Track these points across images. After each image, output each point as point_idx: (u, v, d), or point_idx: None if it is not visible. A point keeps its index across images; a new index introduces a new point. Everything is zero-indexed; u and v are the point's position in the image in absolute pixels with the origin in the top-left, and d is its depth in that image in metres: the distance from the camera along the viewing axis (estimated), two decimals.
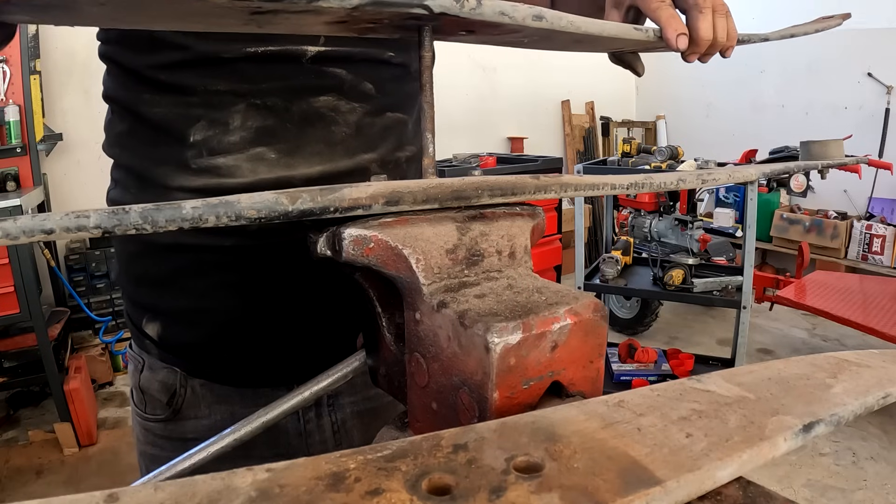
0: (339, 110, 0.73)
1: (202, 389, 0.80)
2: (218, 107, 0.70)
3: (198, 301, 0.76)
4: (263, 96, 0.70)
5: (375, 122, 0.77)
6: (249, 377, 0.79)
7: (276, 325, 0.76)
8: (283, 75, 0.70)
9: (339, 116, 0.73)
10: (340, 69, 0.72)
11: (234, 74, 0.69)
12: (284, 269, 0.74)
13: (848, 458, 2.84)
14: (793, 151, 3.04)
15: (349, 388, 0.83)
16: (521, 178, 0.48)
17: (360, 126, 0.75)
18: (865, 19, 4.85)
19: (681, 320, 4.65)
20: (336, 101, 0.73)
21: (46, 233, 0.33)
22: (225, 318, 0.76)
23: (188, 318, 0.77)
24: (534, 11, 0.47)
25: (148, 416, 0.82)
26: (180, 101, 0.70)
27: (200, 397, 0.80)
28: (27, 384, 3.10)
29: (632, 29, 0.55)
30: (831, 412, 0.36)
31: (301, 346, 0.77)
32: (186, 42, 0.67)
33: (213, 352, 0.78)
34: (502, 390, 0.38)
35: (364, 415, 0.85)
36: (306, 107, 0.71)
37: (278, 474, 0.27)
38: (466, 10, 0.44)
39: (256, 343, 0.76)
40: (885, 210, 4.91)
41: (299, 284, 0.75)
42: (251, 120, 0.70)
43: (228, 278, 0.74)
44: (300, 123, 0.72)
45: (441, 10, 0.43)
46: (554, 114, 6.24)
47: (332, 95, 0.72)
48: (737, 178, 0.65)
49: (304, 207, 0.40)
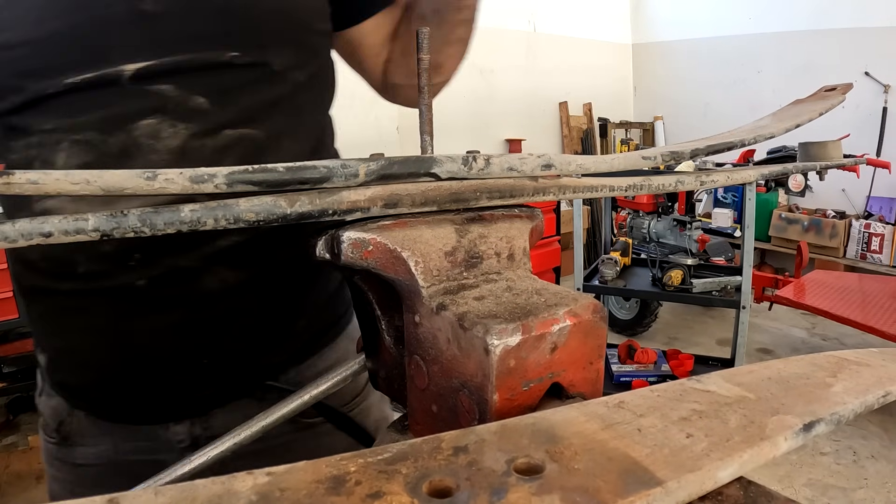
0: (160, 136, 0.64)
1: (86, 420, 0.79)
2: (47, 146, 0.65)
3: (67, 341, 0.74)
4: (82, 130, 0.63)
5: (206, 143, 0.66)
6: (126, 415, 0.78)
7: (147, 368, 0.73)
8: (101, 104, 0.63)
9: (159, 143, 0.64)
10: (167, 85, 0.64)
11: (59, 109, 0.64)
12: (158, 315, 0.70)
13: (849, 456, 2.84)
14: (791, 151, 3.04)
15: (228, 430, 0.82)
16: (519, 181, 0.48)
17: (185, 151, 0.65)
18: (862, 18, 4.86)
19: (680, 321, 4.66)
20: (158, 124, 0.64)
21: (45, 236, 0.33)
22: (94, 359, 0.74)
23: (63, 356, 0.77)
24: (542, 161, 0.47)
25: (46, 436, 0.82)
26: (24, 144, 0.66)
27: (85, 427, 0.79)
28: (27, 389, 3.10)
29: (640, 158, 0.55)
30: (832, 411, 0.36)
31: (172, 389, 0.75)
32: (20, 84, 0.63)
33: (88, 389, 0.77)
34: (502, 392, 0.38)
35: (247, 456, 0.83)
36: (125, 137, 0.64)
37: (279, 478, 0.27)
38: (475, 171, 0.45)
39: (129, 384, 0.74)
40: (883, 209, 4.92)
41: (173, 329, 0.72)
42: (73, 157, 0.64)
43: (89, 321, 0.71)
44: (119, 157, 0.64)
45: (449, 175, 0.44)
46: (552, 115, 6.25)
47: (156, 118, 0.63)
48: (735, 180, 0.65)
49: (303, 210, 0.40)
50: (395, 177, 0.43)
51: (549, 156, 0.48)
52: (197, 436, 0.78)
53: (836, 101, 0.92)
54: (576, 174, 0.51)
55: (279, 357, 0.80)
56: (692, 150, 0.59)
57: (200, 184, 0.37)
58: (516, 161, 0.46)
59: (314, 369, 0.83)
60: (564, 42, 6.08)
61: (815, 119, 0.85)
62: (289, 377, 0.81)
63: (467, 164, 0.45)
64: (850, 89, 0.98)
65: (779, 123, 0.77)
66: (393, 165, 0.42)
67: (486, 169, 0.45)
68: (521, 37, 5.87)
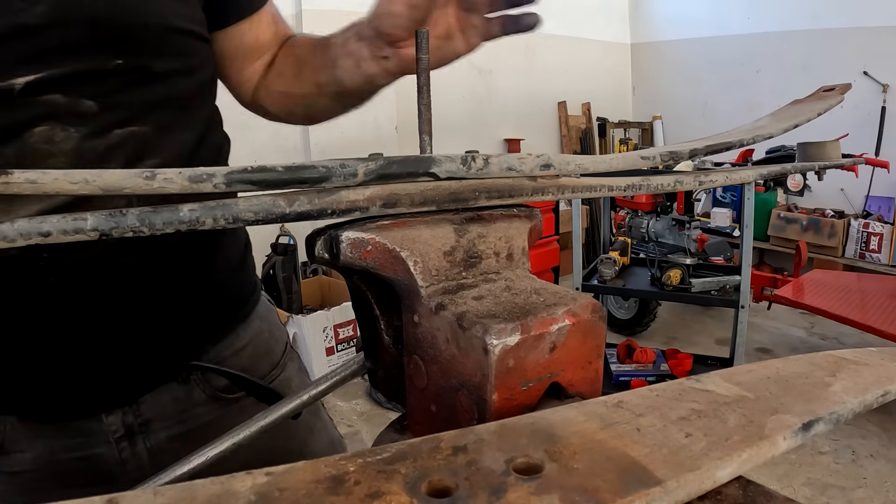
0: (54, 140, 0.66)
1: (19, 425, 0.78)
2: None
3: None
4: None
5: (98, 143, 0.68)
6: (55, 412, 0.77)
7: (67, 359, 0.73)
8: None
9: (54, 147, 0.66)
10: (56, 94, 0.65)
11: None
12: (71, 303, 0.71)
13: (847, 456, 2.85)
14: (789, 151, 3.05)
15: (159, 414, 0.82)
16: (518, 180, 0.48)
17: (80, 152, 0.67)
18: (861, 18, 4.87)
19: (679, 320, 4.66)
20: (51, 130, 0.65)
21: (44, 235, 0.33)
22: (15, 360, 0.73)
23: None
24: (541, 161, 0.47)
25: None
26: None
27: (19, 432, 0.78)
28: None
29: (638, 158, 0.56)
30: (830, 410, 0.36)
31: (96, 377, 0.76)
32: None
33: (13, 391, 0.76)
34: (501, 392, 0.38)
35: (179, 438, 0.84)
36: (20, 145, 0.64)
37: (278, 478, 0.27)
38: (474, 171, 0.45)
39: (51, 379, 0.74)
40: (881, 208, 4.93)
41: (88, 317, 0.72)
42: None
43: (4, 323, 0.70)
44: (18, 165, 0.64)
45: (448, 175, 0.44)
46: (550, 115, 6.25)
47: (48, 125, 0.65)
48: (734, 180, 0.66)
49: (301, 210, 0.39)
50: (394, 176, 0.43)
51: (547, 155, 0.48)
52: (129, 423, 0.79)
53: (835, 100, 0.92)
54: (574, 174, 0.51)
55: (193, 336, 0.83)
56: (691, 150, 0.59)
57: (199, 183, 0.37)
58: (515, 161, 0.46)
59: (231, 348, 0.87)
60: (563, 42, 6.08)
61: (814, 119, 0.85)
62: (209, 357, 0.84)
63: (466, 163, 0.45)
64: (848, 89, 0.99)
65: (777, 123, 0.77)
66: (392, 165, 0.42)
67: (485, 169, 0.45)
68: (520, 36, 5.85)
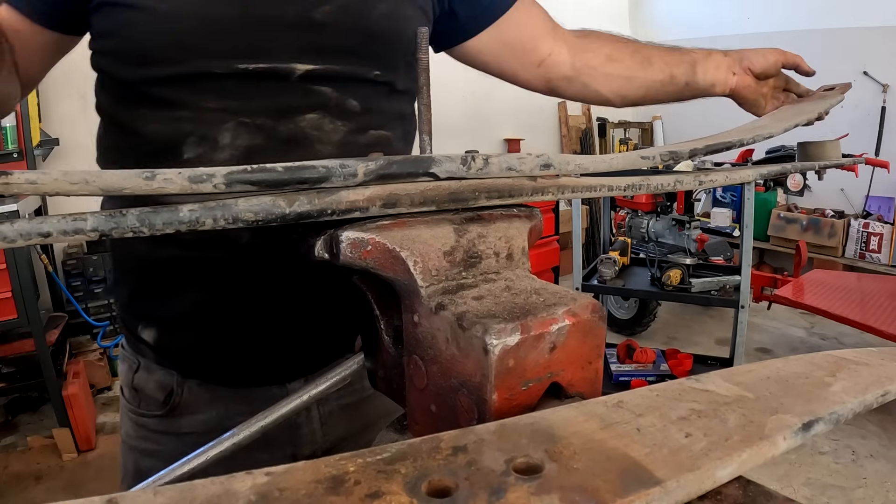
0: (323, 129, 0.74)
1: (198, 388, 0.82)
2: (208, 123, 0.70)
3: (192, 309, 0.78)
4: (252, 115, 0.71)
5: (358, 140, 0.77)
6: (242, 378, 0.82)
7: (267, 327, 0.78)
8: (272, 94, 0.71)
9: (323, 135, 0.74)
10: (327, 87, 0.73)
11: (225, 91, 0.70)
12: (274, 274, 0.75)
13: (847, 456, 2.84)
14: (789, 150, 3.04)
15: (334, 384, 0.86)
16: (518, 180, 0.48)
17: (343, 145, 0.75)
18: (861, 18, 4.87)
19: (679, 320, 4.65)
20: (320, 119, 0.73)
21: (43, 236, 0.33)
22: (218, 325, 0.78)
23: (183, 325, 0.79)
24: (541, 161, 0.48)
25: (142, 412, 0.85)
26: (172, 117, 0.70)
27: (196, 395, 0.82)
28: (25, 389, 3.09)
29: (638, 158, 0.56)
30: (830, 410, 0.36)
31: (291, 346, 0.80)
32: (179, 56, 0.68)
33: (207, 355, 0.80)
34: (501, 392, 0.38)
35: (349, 407, 0.89)
36: (293, 126, 0.72)
37: (278, 478, 0.27)
38: (474, 171, 0.45)
39: (248, 346, 0.79)
40: (881, 208, 4.92)
41: (289, 288, 0.77)
42: (240, 139, 0.71)
43: (222, 287, 0.76)
44: (286, 143, 0.72)
45: (448, 175, 0.44)
46: (550, 115, 6.24)
47: (318, 114, 0.73)
48: (734, 179, 0.66)
49: (301, 210, 0.39)
50: (394, 176, 0.43)
51: (547, 155, 0.48)
52: None
53: (835, 100, 0.91)
54: (574, 174, 0.51)
55: None
56: (691, 150, 0.59)
57: (199, 183, 0.37)
58: (515, 161, 0.46)
59: None
60: None
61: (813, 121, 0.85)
62: None
63: (466, 163, 0.45)
64: (848, 89, 0.98)
65: (777, 123, 0.77)
66: (392, 165, 0.42)
67: (485, 169, 0.45)
68: None
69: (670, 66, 1.02)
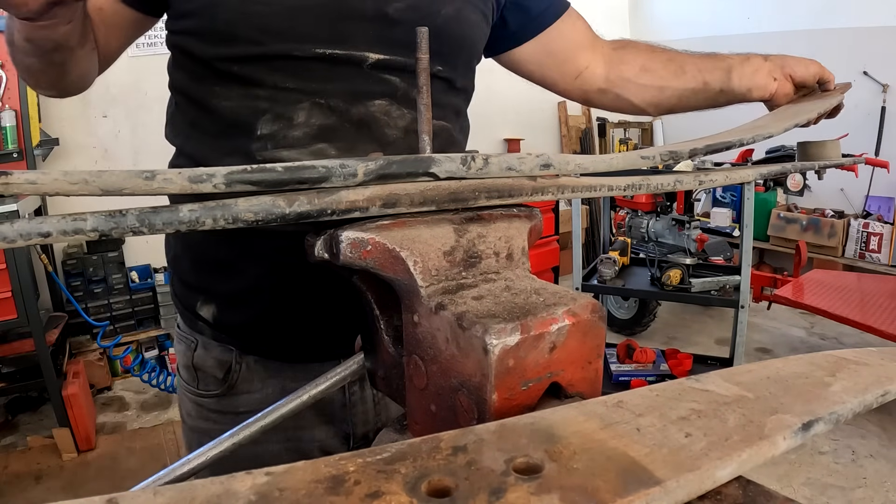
0: (391, 115, 0.79)
1: (256, 365, 0.85)
2: (284, 102, 0.75)
3: (254, 283, 0.81)
4: (327, 97, 0.75)
5: None
6: (301, 352, 0.84)
7: (326, 302, 0.80)
8: (346, 78, 0.76)
9: (391, 120, 0.79)
10: (395, 77, 0.78)
11: (302, 73, 0.74)
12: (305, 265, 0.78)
13: (847, 456, 2.84)
14: (789, 150, 3.04)
15: None
16: (518, 180, 0.48)
17: (409, 130, 0.80)
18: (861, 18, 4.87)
19: (679, 320, 4.65)
20: (388, 105, 0.78)
21: (43, 236, 0.33)
22: (279, 298, 0.80)
23: (244, 299, 0.82)
24: (541, 161, 0.48)
25: (201, 392, 0.87)
26: (248, 94, 0.75)
27: (254, 372, 0.85)
28: (25, 389, 3.10)
29: (638, 158, 0.56)
30: (830, 410, 0.36)
31: (349, 322, 0.81)
32: (261, 38, 0.72)
33: (266, 330, 0.83)
34: (501, 392, 0.38)
35: None
36: (363, 110, 0.77)
37: (277, 478, 0.27)
38: (473, 171, 0.45)
39: (307, 320, 0.81)
40: (881, 208, 4.92)
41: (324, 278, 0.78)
42: (314, 118, 0.75)
43: (284, 261, 0.78)
44: (357, 124, 0.77)
45: (447, 175, 0.44)
46: (550, 115, 6.24)
47: (386, 100, 0.78)
48: (734, 179, 0.66)
49: (301, 210, 0.39)
50: (394, 176, 0.43)
51: (547, 155, 0.48)
52: None
53: (835, 100, 0.91)
54: (574, 174, 0.51)
55: None
56: (691, 150, 0.59)
57: (199, 183, 0.37)
58: (515, 161, 0.46)
59: None
60: None
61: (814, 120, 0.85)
62: None
63: (466, 163, 0.44)
64: (848, 88, 0.98)
65: (777, 123, 0.77)
66: (392, 165, 0.42)
67: (485, 168, 0.45)
68: None
69: (703, 74, 1.03)
